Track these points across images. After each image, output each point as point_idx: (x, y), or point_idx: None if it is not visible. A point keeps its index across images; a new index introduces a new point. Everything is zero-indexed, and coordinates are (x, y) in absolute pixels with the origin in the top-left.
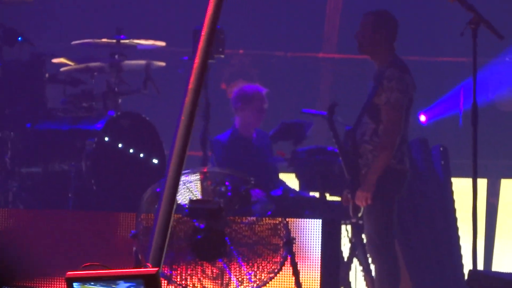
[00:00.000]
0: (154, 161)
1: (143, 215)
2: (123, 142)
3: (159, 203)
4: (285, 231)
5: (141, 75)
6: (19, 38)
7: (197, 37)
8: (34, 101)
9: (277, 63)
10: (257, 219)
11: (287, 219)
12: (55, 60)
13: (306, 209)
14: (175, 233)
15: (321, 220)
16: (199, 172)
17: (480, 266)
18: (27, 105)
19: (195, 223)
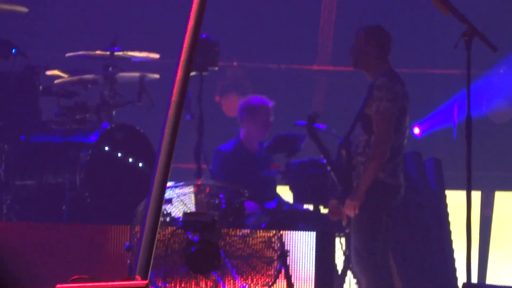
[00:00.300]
0: (148, 173)
1: (138, 228)
2: (117, 154)
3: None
4: (279, 244)
5: (135, 87)
6: (13, 50)
7: None
8: (28, 113)
9: (271, 75)
10: (251, 232)
11: (281, 232)
12: (49, 72)
13: (300, 222)
14: (169, 246)
15: (315, 232)
16: (193, 184)
17: (474, 278)
18: (20, 117)
19: (189, 236)
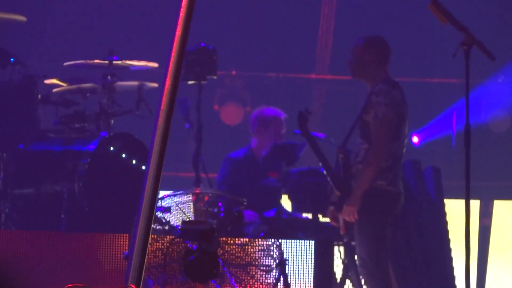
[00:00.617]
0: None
1: None
2: (115, 163)
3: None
4: (278, 252)
5: (134, 96)
6: (12, 59)
7: (188, 58)
8: (26, 122)
9: (269, 84)
10: (250, 240)
11: (280, 240)
12: (47, 81)
13: (299, 230)
14: (168, 254)
15: (314, 241)
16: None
17: (473, 287)
18: (19, 126)
19: (187, 244)
